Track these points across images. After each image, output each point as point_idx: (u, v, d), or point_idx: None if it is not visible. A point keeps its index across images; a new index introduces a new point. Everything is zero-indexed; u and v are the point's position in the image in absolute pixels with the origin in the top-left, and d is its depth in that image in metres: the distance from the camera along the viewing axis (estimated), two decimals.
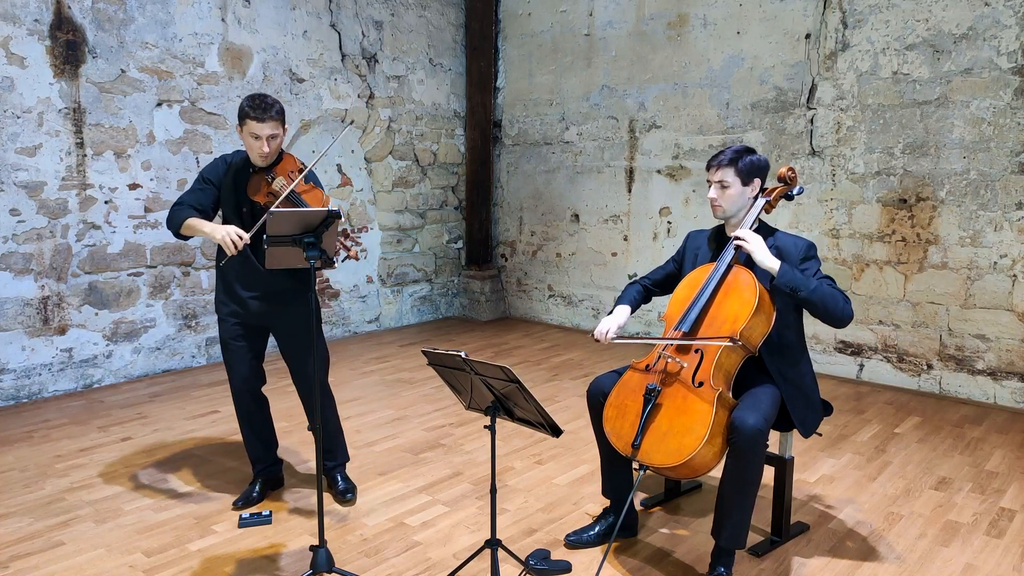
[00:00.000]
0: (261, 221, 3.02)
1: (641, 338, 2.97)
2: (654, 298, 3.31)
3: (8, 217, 4.71)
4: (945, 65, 4.87)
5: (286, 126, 3.24)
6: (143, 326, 5.36)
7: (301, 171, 3.23)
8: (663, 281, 3.23)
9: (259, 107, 3.10)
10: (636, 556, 3.01)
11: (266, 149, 3.14)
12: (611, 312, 3.13)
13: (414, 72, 6.94)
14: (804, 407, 2.91)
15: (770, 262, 2.77)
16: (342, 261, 3.19)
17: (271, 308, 3.33)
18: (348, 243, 3.08)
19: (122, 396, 4.97)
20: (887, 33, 5.07)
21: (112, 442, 4.18)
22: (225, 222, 3.30)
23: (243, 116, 3.13)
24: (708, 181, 2.97)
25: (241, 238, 3.03)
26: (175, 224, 3.21)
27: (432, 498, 3.51)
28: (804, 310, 2.94)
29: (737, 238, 2.85)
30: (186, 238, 3.28)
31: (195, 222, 3.16)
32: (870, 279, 5.29)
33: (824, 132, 5.39)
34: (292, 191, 3.13)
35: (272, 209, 2.62)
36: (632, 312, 3.17)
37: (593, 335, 3.05)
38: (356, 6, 6.39)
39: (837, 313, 2.75)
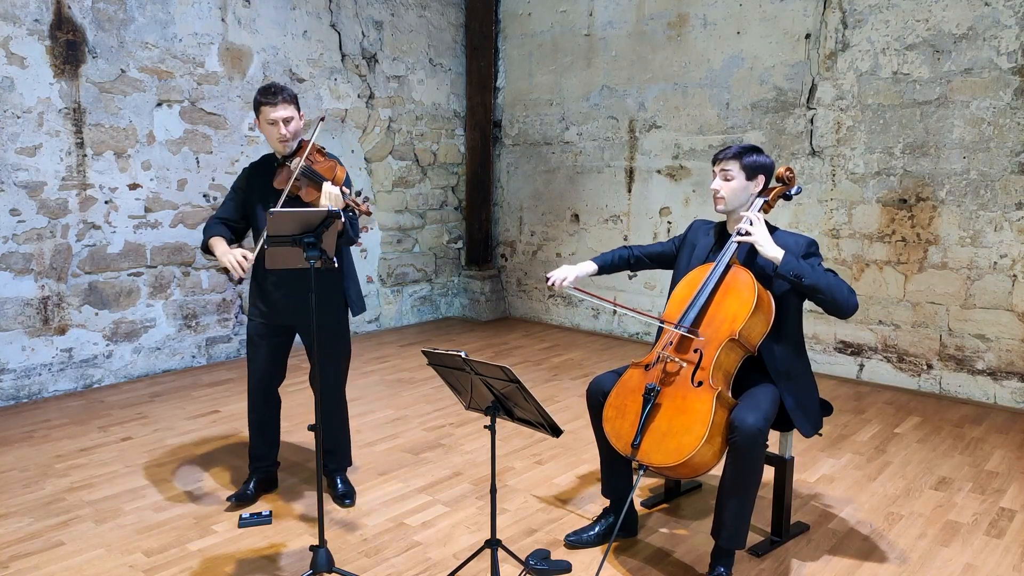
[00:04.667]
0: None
1: (596, 296, 2.95)
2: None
3: (8, 217, 4.71)
4: (945, 65, 4.87)
5: (302, 112, 3.31)
6: (143, 326, 5.36)
7: (320, 151, 3.28)
8: (656, 257, 3.26)
9: (269, 92, 3.21)
10: (636, 556, 3.01)
11: (284, 131, 3.20)
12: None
13: (414, 72, 6.94)
14: (808, 406, 2.91)
15: (773, 251, 2.76)
16: (356, 217, 3.28)
17: (299, 306, 3.32)
18: (358, 199, 3.15)
19: (122, 396, 4.97)
20: (887, 33, 5.07)
21: (112, 442, 4.18)
22: (255, 224, 3.38)
23: (257, 106, 3.23)
24: (713, 173, 2.98)
25: (246, 258, 3.11)
26: (204, 241, 3.33)
27: (432, 498, 3.51)
28: (803, 310, 2.95)
29: (742, 227, 2.85)
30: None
31: (213, 243, 3.28)
32: (870, 279, 5.29)
33: (824, 132, 5.39)
34: (305, 165, 3.18)
35: (272, 210, 2.62)
36: (601, 272, 3.24)
37: (547, 277, 3.07)
38: (356, 6, 6.40)
39: (842, 301, 2.74)
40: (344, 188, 3.17)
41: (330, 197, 3.11)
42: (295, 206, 3.19)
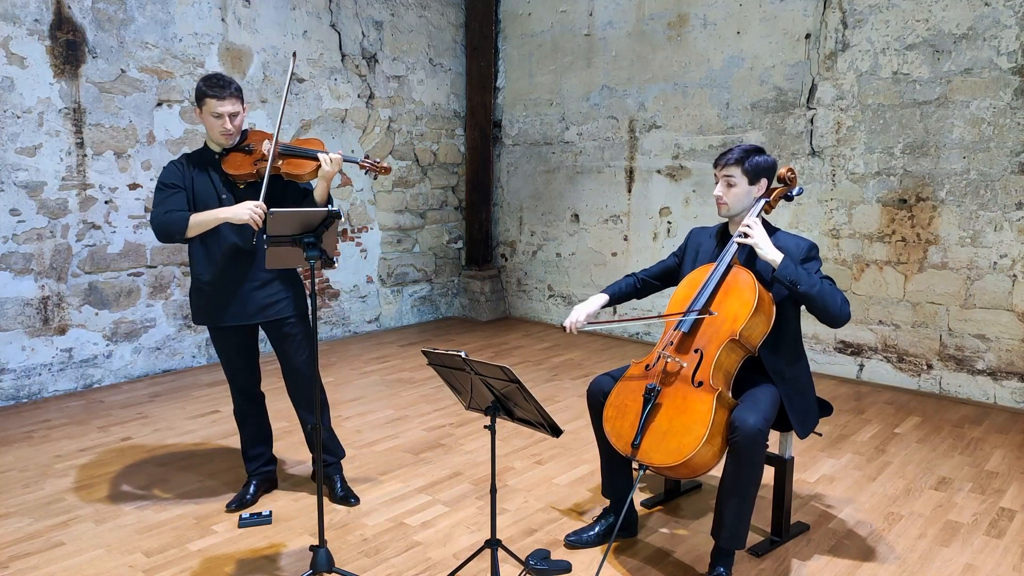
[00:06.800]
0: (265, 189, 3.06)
1: (611, 321, 2.94)
2: (654, 295, 3.31)
3: (8, 217, 4.71)
4: (945, 65, 4.87)
5: (246, 105, 3.23)
6: (143, 326, 5.36)
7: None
8: (661, 275, 3.25)
9: (217, 85, 3.08)
10: (636, 556, 3.01)
11: (229, 126, 3.11)
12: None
13: (414, 72, 6.94)
14: (801, 407, 2.91)
15: (773, 254, 2.77)
16: (374, 179, 3.21)
17: (257, 304, 3.25)
18: (372, 160, 3.09)
19: (122, 396, 4.97)
20: (887, 33, 5.07)
21: (112, 442, 4.18)
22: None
23: (201, 96, 3.10)
24: (715, 177, 2.98)
25: (259, 207, 3.00)
26: (178, 230, 3.06)
27: (432, 498, 3.51)
28: (801, 310, 2.95)
29: (744, 225, 2.85)
30: (188, 241, 3.18)
31: (200, 217, 3.07)
32: (870, 279, 5.29)
33: (824, 132, 5.39)
34: (286, 145, 3.12)
35: (272, 210, 2.62)
36: (612, 303, 3.20)
37: (563, 326, 3.05)
38: (356, 6, 6.40)
39: (835, 311, 2.75)
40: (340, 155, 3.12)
41: (333, 163, 3.04)
42: (276, 185, 3.17)
